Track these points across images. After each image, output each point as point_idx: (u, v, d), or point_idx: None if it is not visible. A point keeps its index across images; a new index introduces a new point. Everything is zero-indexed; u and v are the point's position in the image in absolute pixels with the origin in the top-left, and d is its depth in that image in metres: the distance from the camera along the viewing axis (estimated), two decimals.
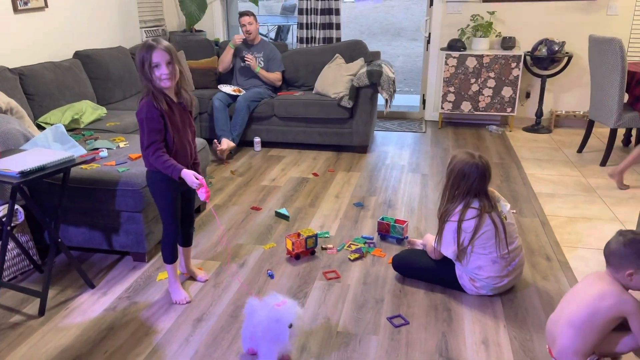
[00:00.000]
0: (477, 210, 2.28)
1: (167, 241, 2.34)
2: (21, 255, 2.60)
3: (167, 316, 2.29)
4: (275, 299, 1.86)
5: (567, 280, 2.54)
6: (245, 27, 4.68)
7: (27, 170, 2.11)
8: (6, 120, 2.65)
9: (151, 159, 2.13)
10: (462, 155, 2.33)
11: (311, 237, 2.78)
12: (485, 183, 2.31)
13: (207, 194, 2.14)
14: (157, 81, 2.09)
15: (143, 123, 2.11)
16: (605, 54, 3.99)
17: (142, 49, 2.08)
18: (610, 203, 3.44)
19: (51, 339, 2.14)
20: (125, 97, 4.46)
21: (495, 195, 2.39)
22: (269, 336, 1.83)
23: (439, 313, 2.30)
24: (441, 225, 2.36)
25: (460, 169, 2.30)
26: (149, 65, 2.07)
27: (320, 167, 4.22)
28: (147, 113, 2.09)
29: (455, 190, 2.33)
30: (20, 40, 3.71)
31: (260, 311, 1.86)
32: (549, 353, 1.96)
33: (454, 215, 2.32)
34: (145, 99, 2.12)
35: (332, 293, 2.46)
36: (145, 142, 2.13)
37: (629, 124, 4.03)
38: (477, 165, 2.28)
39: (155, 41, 2.09)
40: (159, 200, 2.29)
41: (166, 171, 2.14)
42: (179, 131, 2.21)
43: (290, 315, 1.81)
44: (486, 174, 2.29)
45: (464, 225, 2.29)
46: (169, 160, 2.14)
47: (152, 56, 2.06)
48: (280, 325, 1.80)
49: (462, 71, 5.04)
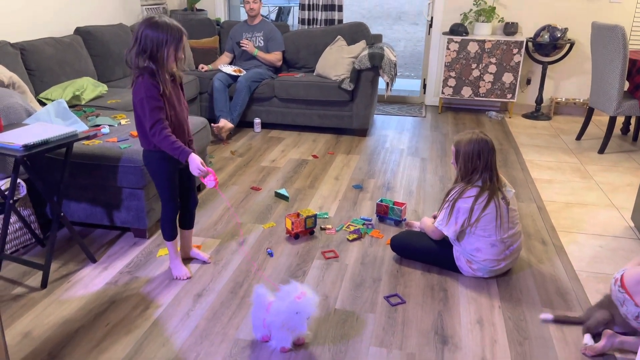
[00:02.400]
0: (480, 189, 2.30)
1: (166, 219, 2.34)
2: (23, 229, 2.63)
3: (167, 291, 2.33)
4: (295, 289, 1.85)
5: (561, 264, 2.58)
6: (250, 4, 4.65)
7: (30, 144, 2.12)
8: (9, 94, 2.65)
9: (157, 139, 2.08)
10: (482, 136, 2.34)
11: (310, 217, 2.81)
12: (494, 156, 2.33)
13: (215, 181, 2.11)
14: (169, 64, 2.06)
15: (144, 102, 2.04)
16: (608, 41, 4.00)
17: (167, 31, 2.01)
18: (607, 190, 3.47)
19: (54, 311, 2.18)
20: (125, 75, 4.45)
21: (502, 180, 2.41)
22: (288, 326, 1.85)
23: (435, 293, 2.35)
24: (445, 206, 2.39)
25: (478, 147, 2.31)
26: (174, 48, 2.03)
27: (319, 149, 4.24)
28: (146, 92, 2.03)
29: (475, 171, 2.34)
30: (22, 15, 3.69)
31: (279, 302, 1.85)
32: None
33: (457, 195, 2.34)
34: (142, 78, 2.04)
35: (331, 272, 2.50)
36: (149, 122, 2.06)
37: (629, 112, 4.05)
38: (486, 141, 2.33)
39: (177, 24, 2.04)
40: (157, 179, 2.27)
41: (173, 152, 2.09)
42: (175, 108, 2.16)
43: (310, 307, 1.82)
44: (492, 150, 2.33)
45: (468, 205, 2.31)
46: (177, 142, 2.09)
47: (182, 40, 2.04)
48: (300, 317, 1.82)
49: (463, 56, 5.03)
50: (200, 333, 2.06)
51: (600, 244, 2.79)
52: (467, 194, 2.32)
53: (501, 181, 2.39)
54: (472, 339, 2.05)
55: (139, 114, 2.11)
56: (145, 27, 2.02)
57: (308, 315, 1.84)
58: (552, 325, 2.13)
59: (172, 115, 2.15)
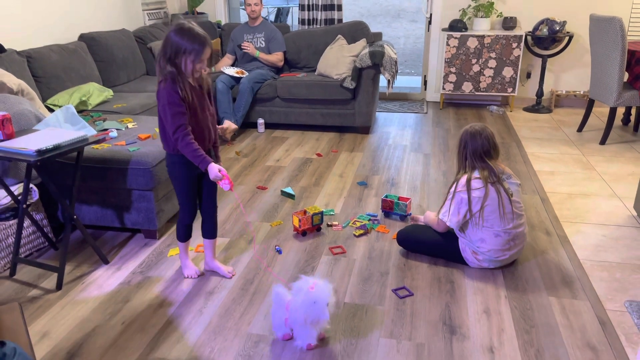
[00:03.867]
0: (481, 180, 2.35)
1: (182, 222, 2.38)
2: (36, 233, 2.68)
3: (180, 289, 2.38)
4: (305, 282, 1.88)
5: (566, 253, 2.62)
6: (251, 6, 4.70)
7: (43, 149, 2.18)
8: (18, 101, 2.71)
9: (180, 144, 2.08)
10: (467, 128, 2.45)
11: (317, 214, 2.85)
12: (488, 148, 2.39)
13: (230, 185, 2.12)
14: (191, 72, 2.06)
15: (166, 108, 2.05)
16: (606, 33, 4.03)
17: (189, 39, 2.00)
18: (609, 180, 3.51)
19: (70, 311, 2.23)
20: (129, 79, 4.50)
21: (506, 171, 2.45)
22: (310, 319, 1.86)
23: (442, 285, 2.39)
24: (448, 197, 2.44)
25: (464, 138, 2.43)
26: (192, 59, 2.02)
27: (323, 147, 4.29)
28: (168, 98, 2.03)
29: (465, 160, 2.41)
30: (27, 23, 3.74)
31: (294, 298, 1.88)
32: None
33: (460, 187, 2.39)
34: (164, 84, 2.05)
35: (339, 267, 2.55)
36: (172, 127, 2.06)
37: (629, 103, 4.08)
38: (474, 132, 2.41)
39: (203, 34, 2.03)
40: (176, 183, 2.28)
41: (194, 160, 2.10)
42: (197, 115, 2.14)
43: (325, 294, 1.85)
44: (489, 139, 2.40)
45: (470, 195, 2.36)
46: (199, 150, 2.09)
47: (203, 52, 2.02)
48: (318, 306, 1.84)
49: (463, 52, 5.07)
50: (214, 329, 2.11)
51: (604, 233, 2.83)
52: (465, 185, 2.37)
53: (505, 172, 2.43)
54: (480, 328, 2.09)
55: (162, 118, 2.12)
56: (171, 31, 2.02)
57: (326, 302, 1.85)
58: (558, 312, 2.17)
59: (193, 121, 2.13)
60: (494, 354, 1.95)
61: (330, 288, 1.89)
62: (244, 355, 1.96)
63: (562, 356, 1.93)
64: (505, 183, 2.40)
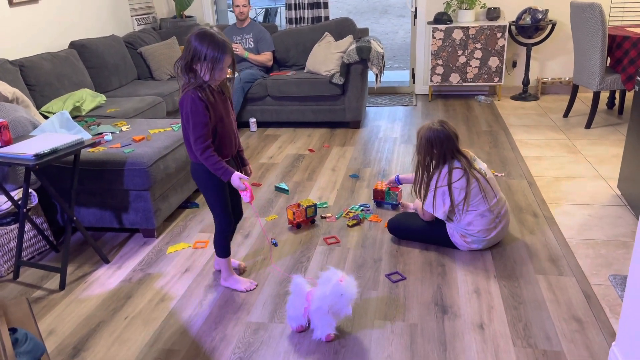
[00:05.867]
0: (461, 170, 2.43)
1: (220, 234, 2.28)
2: (37, 237, 2.75)
3: (180, 284, 2.45)
4: (335, 273, 1.92)
5: (552, 233, 2.71)
6: (239, 8, 4.77)
7: (41, 153, 2.24)
8: (14, 109, 2.77)
9: (202, 157, 2.06)
10: (425, 128, 2.51)
11: (311, 207, 2.93)
12: (454, 142, 2.47)
13: (251, 198, 2.13)
14: (212, 78, 2.01)
15: (188, 117, 2.01)
16: (586, 20, 4.12)
17: (210, 45, 1.95)
18: (594, 162, 3.60)
19: (74, 309, 2.30)
20: (121, 84, 4.56)
21: (471, 155, 2.55)
22: (334, 309, 1.91)
23: (434, 268, 2.47)
24: (428, 192, 2.51)
25: (427, 138, 2.47)
26: (214, 64, 1.97)
27: (315, 143, 4.36)
28: (191, 106, 1.99)
29: (432, 159, 2.48)
30: (18, 33, 3.80)
31: (321, 287, 1.93)
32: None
33: (441, 181, 2.47)
34: (189, 91, 2.00)
35: (333, 256, 2.63)
36: (193, 136, 2.03)
37: (612, 86, 4.18)
38: (438, 130, 2.46)
39: (224, 40, 1.98)
40: (208, 193, 2.22)
41: (216, 172, 2.09)
42: (223, 120, 2.12)
43: (353, 289, 1.90)
44: (451, 135, 2.46)
45: (454, 186, 2.44)
46: (220, 162, 2.08)
47: (223, 60, 1.98)
48: (345, 299, 1.89)
49: (449, 44, 5.16)
50: (214, 319, 2.18)
51: (589, 212, 2.92)
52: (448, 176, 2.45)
53: (470, 156, 2.53)
54: (470, 306, 2.18)
55: (185, 126, 2.08)
56: (192, 36, 1.99)
57: (352, 297, 1.90)
58: (545, 288, 2.26)
59: (220, 127, 2.10)
60: (484, 330, 2.03)
61: (356, 284, 1.93)
62: (244, 343, 2.04)
63: (549, 328, 2.02)
64: (475, 164, 2.49)
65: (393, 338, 2.02)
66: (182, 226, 3.02)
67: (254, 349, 2.00)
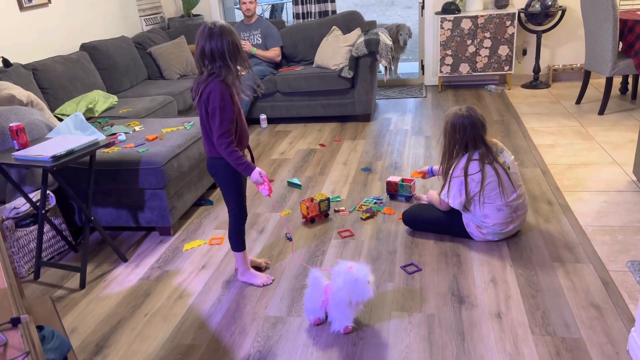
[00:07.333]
0: (478, 161, 2.42)
1: (235, 228, 2.31)
2: (56, 237, 2.79)
3: (198, 280, 2.48)
4: (343, 264, 1.94)
5: (568, 221, 2.70)
6: (246, 4, 4.78)
7: (58, 155, 2.28)
8: (29, 112, 2.81)
9: (225, 152, 2.08)
10: (451, 112, 2.48)
11: (324, 201, 2.94)
12: (479, 131, 2.44)
13: (269, 191, 2.17)
14: (243, 60, 2.05)
15: (216, 111, 2.02)
16: (597, 4, 4.07)
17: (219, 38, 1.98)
18: (609, 148, 3.57)
19: (95, 307, 2.34)
20: (132, 84, 4.60)
21: (499, 146, 2.53)
22: (355, 298, 1.91)
23: (449, 259, 2.47)
24: (447, 180, 2.51)
25: (453, 124, 2.45)
26: (234, 50, 2.00)
27: (326, 137, 4.37)
28: (221, 101, 2.01)
29: (455, 145, 2.47)
30: (29, 37, 3.85)
31: (335, 281, 1.94)
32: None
33: (458, 170, 2.46)
34: (216, 81, 2.01)
35: (348, 249, 2.64)
36: (218, 131, 2.04)
37: (624, 71, 4.13)
38: (464, 116, 2.43)
39: (220, 28, 2.00)
40: (225, 187, 2.24)
41: (238, 167, 2.11)
42: (242, 115, 2.17)
43: (364, 272, 1.91)
44: (476, 122, 2.43)
45: (470, 178, 2.43)
46: (243, 157, 2.11)
47: (238, 43, 2.02)
48: (360, 284, 1.89)
49: (457, 34, 5.12)
50: (232, 314, 2.21)
51: (605, 199, 2.90)
52: (465, 167, 2.43)
53: (498, 147, 2.50)
54: (487, 296, 2.18)
55: (210, 120, 2.08)
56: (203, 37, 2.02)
57: (367, 279, 1.90)
58: (562, 276, 2.25)
59: (239, 120, 2.13)
60: (501, 319, 2.03)
61: (369, 267, 1.94)
62: (262, 336, 2.06)
63: (567, 316, 2.01)
64: (500, 157, 2.47)
65: (411, 329, 2.03)
66: (197, 223, 3.04)
67: (272, 342, 2.02)
